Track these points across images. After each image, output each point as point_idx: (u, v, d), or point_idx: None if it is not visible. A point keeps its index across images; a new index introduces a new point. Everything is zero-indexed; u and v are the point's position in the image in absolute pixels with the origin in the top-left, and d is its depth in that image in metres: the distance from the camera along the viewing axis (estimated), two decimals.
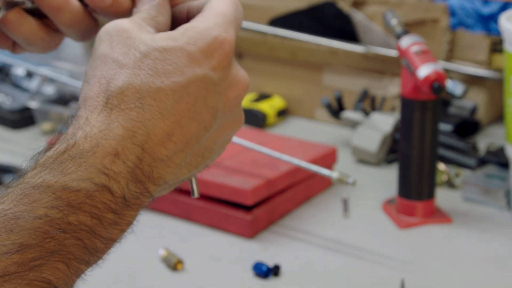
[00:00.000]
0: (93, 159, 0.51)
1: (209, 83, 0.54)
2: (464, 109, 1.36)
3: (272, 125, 1.46)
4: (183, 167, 0.54)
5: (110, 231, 0.52)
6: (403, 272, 0.96)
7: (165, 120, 0.52)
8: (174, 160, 0.53)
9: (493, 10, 1.38)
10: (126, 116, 0.52)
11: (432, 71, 1.03)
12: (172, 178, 0.54)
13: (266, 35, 1.49)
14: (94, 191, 0.50)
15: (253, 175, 1.08)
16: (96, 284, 0.96)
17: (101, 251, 0.53)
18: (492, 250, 1.02)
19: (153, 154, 0.52)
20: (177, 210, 1.11)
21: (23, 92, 1.49)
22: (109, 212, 0.51)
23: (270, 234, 1.06)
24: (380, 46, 1.38)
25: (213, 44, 0.54)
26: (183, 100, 0.52)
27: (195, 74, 0.53)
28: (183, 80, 0.53)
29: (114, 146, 0.51)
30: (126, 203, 0.52)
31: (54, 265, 0.49)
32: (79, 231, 0.50)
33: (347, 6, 1.42)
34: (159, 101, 0.52)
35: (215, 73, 0.54)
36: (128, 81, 0.52)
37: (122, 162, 0.51)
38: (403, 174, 1.09)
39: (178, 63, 0.53)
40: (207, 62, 0.54)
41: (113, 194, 0.51)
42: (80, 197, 0.50)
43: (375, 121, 1.29)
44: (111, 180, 0.51)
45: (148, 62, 0.52)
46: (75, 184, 0.50)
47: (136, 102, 0.52)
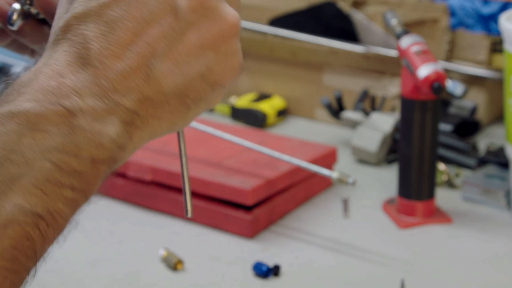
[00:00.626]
0: (35, 85, 0.48)
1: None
2: (464, 109, 1.36)
3: (272, 125, 1.46)
4: (159, 76, 0.50)
5: (85, 149, 0.48)
6: (403, 272, 0.96)
7: (114, 32, 0.49)
8: (141, 68, 0.49)
9: (493, 10, 1.38)
10: (70, 43, 0.49)
11: (432, 71, 1.03)
12: (150, 90, 0.50)
13: (266, 35, 1.49)
14: (44, 110, 0.47)
15: (253, 175, 1.08)
16: (96, 284, 0.96)
17: (87, 174, 0.48)
18: (492, 250, 1.02)
19: (108, 68, 0.48)
20: (177, 210, 1.11)
21: None
22: (73, 128, 0.47)
23: (270, 234, 1.06)
24: (380, 46, 1.38)
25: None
26: (130, 6, 0.50)
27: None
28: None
29: (57, 70, 0.48)
30: (91, 117, 0.48)
31: (22, 189, 0.46)
32: (41, 151, 0.46)
33: (347, 6, 1.42)
34: (104, 16, 0.49)
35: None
36: (73, 12, 0.50)
37: (70, 80, 0.48)
38: (403, 174, 1.09)
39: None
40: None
41: (68, 110, 0.47)
42: (30, 117, 0.46)
43: (375, 121, 1.29)
44: (60, 97, 0.47)
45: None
46: (20, 107, 0.47)
47: (80, 26, 0.49)
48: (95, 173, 0.48)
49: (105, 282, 0.96)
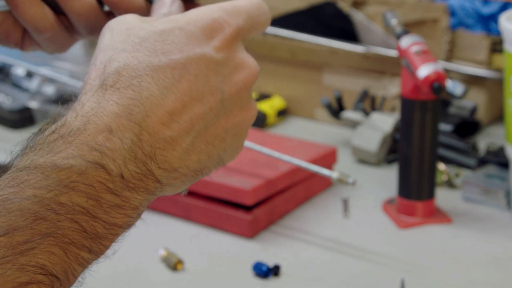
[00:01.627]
0: (84, 137, 0.48)
1: (209, 62, 0.52)
2: (464, 109, 1.36)
3: (272, 125, 1.46)
4: (191, 152, 0.52)
5: (112, 215, 0.49)
6: (403, 272, 0.96)
7: (165, 98, 0.50)
8: (179, 142, 0.51)
9: (493, 10, 1.38)
10: (121, 94, 0.50)
11: (432, 71, 1.03)
12: (180, 164, 0.51)
13: (266, 35, 1.49)
14: (87, 169, 0.47)
15: (253, 175, 1.08)
16: (96, 284, 0.96)
17: (104, 237, 0.50)
18: (492, 250, 1.02)
19: (154, 134, 0.50)
20: (177, 210, 1.11)
21: (23, 92, 1.49)
22: (107, 192, 0.48)
23: (270, 234, 1.06)
24: (380, 46, 1.38)
25: (213, 25, 0.53)
26: (183, 78, 0.51)
27: (195, 52, 0.52)
28: (182, 58, 0.51)
29: (107, 123, 0.49)
30: (126, 184, 0.49)
31: (48, 249, 0.46)
32: (74, 212, 0.47)
33: (347, 6, 1.42)
34: (157, 79, 0.50)
35: (216, 53, 0.53)
36: (125, 62, 0.51)
37: (118, 139, 0.48)
38: (403, 174, 1.09)
39: (177, 42, 0.52)
40: (207, 42, 0.52)
41: (108, 172, 0.48)
42: (71, 175, 0.47)
43: (375, 121, 1.29)
44: (104, 157, 0.48)
45: (146, 45, 0.51)
46: (65, 162, 0.47)
47: (133, 81, 0.50)
48: (113, 237, 0.51)
49: (105, 281, 0.96)
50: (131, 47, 0.51)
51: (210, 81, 0.52)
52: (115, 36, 0.52)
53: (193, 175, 0.54)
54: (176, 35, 0.52)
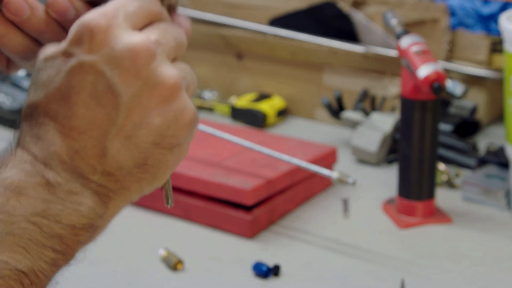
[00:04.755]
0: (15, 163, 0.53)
1: (89, 67, 0.52)
2: (464, 109, 1.36)
3: (272, 125, 1.46)
4: (115, 153, 0.53)
5: (66, 217, 0.52)
6: (403, 272, 0.96)
7: (66, 121, 0.52)
8: (95, 150, 0.53)
9: (493, 10, 1.38)
10: (30, 132, 0.54)
11: (432, 71, 1.03)
12: (111, 166, 0.53)
13: (266, 35, 1.49)
14: (28, 178, 0.52)
15: (253, 175, 1.08)
16: (96, 284, 0.96)
17: (67, 238, 0.53)
18: (492, 250, 1.02)
19: (71, 148, 0.52)
20: (177, 210, 1.11)
21: (23, 92, 1.49)
22: (53, 197, 0.52)
23: (270, 234, 1.06)
24: (380, 46, 1.38)
25: (78, 31, 0.53)
26: (71, 94, 0.52)
27: (71, 65, 0.52)
28: (63, 77, 0.52)
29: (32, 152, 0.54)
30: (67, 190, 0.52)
31: (8, 247, 0.49)
32: (27, 214, 0.51)
33: (347, 6, 1.42)
34: (50, 106, 0.53)
35: (91, 56, 0.52)
36: (28, 99, 0.54)
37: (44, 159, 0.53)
38: (403, 174, 1.09)
39: (56, 65, 0.53)
40: (78, 49, 0.52)
41: (47, 181, 0.52)
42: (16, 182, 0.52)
43: (375, 121, 1.29)
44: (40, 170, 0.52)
45: (39, 77, 0.53)
46: (6, 174, 0.52)
47: (33, 115, 0.53)
48: (75, 238, 0.53)
49: (105, 281, 0.96)
50: (32, 82, 0.54)
51: (98, 84, 0.52)
52: None
53: (140, 171, 0.54)
54: (55, 57, 0.53)
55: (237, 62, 1.54)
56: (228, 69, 1.55)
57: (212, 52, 1.57)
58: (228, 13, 1.52)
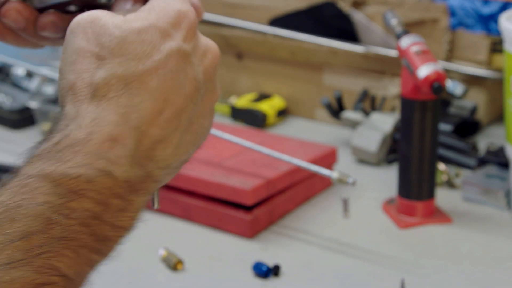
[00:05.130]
0: (89, 146, 0.50)
1: (183, 54, 0.54)
2: (464, 109, 1.36)
3: (272, 125, 1.46)
4: (181, 145, 0.54)
5: (119, 218, 0.52)
6: (403, 272, 0.96)
7: (154, 101, 0.52)
8: (171, 139, 0.53)
9: (493, 10, 1.38)
10: (116, 103, 0.52)
11: (432, 71, 1.03)
12: (173, 159, 0.54)
13: (266, 35, 1.49)
14: (95, 177, 0.50)
15: (253, 175, 1.08)
16: (96, 284, 0.96)
17: (112, 240, 0.52)
18: (492, 250, 1.02)
19: (151, 136, 0.52)
20: (177, 210, 1.11)
21: (23, 92, 1.50)
22: (115, 197, 0.51)
23: (270, 234, 1.06)
24: (380, 46, 1.38)
25: (179, 16, 0.54)
26: (167, 76, 0.53)
27: (171, 48, 0.53)
28: (163, 57, 0.53)
29: (109, 132, 0.51)
30: (131, 188, 0.52)
31: (62, 252, 0.48)
32: (84, 217, 0.49)
33: (347, 6, 1.42)
34: (145, 83, 0.52)
35: (187, 44, 0.54)
36: (111, 70, 0.52)
37: (121, 146, 0.51)
38: (403, 174, 1.09)
39: (154, 41, 0.53)
40: (178, 35, 0.54)
41: (115, 178, 0.51)
42: (81, 183, 0.49)
43: (375, 121, 1.29)
44: (110, 164, 0.50)
45: (126, 47, 0.53)
46: (73, 171, 0.49)
47: (124, 89, 0.52)
48: (119, 239, 0.53)
49: (105, 282, 0.96)
50: (111, 51, 0.53)
51: (188, 73, 0.54)
52: (90, 36, 0.53)
53: (180, 166, 0.56)
54: (151, 33, 0.53)
55: (237, 62, 1.54)
56: (228, 69, 1.55)
57: None
58: (228, 13, 1.52)
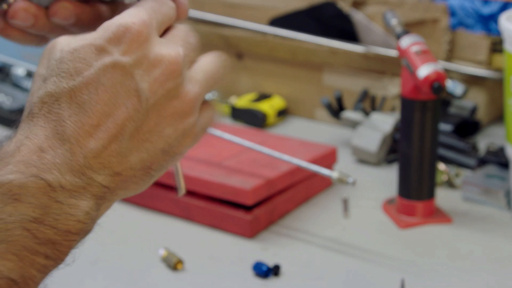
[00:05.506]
0: (19, 157, 0.52)
1: (121, 67, 0.54)
2: (464, 109, 1.36)
3: (272, 125, 1.46)
4: (128, 154, 0.55)
5: (62, 221, 0.52)
6: (403, 272, 0.96)
7: (86, 113, 0.53)
8: (112, 148, 0.54)
9: (493, 10, 1.38)
10: (46, 119, 0.53)
11: (432, 71, 1.03)
12: (121, 167, 0.54)
13: (266, 35, 1.49)
14: (26, 181, 0.51)
15: (253, 175, 1.08)
16: (96, 284, 0.96)
17: (59, 243, 0.52)
18: (492, 250, 1.02)
19: (84, 146, 0.53)
20: (177, 210, 1.11)
21: (23, 92, 1.49)
22: (52, 201, 0.52)
23: (270, 234, 1.06)
24: (380, 46, 1.38)
25: (118, 31, 0.55)
26: (99, 90, 0.53)
27: (104, 63, 0.54)
28: (94, 72, 0.54)
29: (38, 144, 0.52)
30: (69, 193, 0.52)
31: (3, 255, 0.49)
32: (23, 221, 0.50)
33: (347, 6, 1.42)
34: (75, 98, 0.53)
35: (126, 57, 0.54)
36: (46, 89, 0.54)
37: (51, 156, 0.52)
38: (403, 174, 1.09)
39: (87, 59, 0.54)
40: (116, 49, 0.54)
41: (49, 183, 0.52)
42: (13, 187, 0.51)
43: (375, 121, 1.29)
44: (41, 171, 0.52)
45: (62, 67, 0.54)
46: (4, 178, 0.51)
47: (54, 105, 0.53)
48: (68, 243, 0.53)
49: (105, 282, 0.96)
50: (51, 71, 0.55)
51: (126, 85, 0.54)
52: (41, 61, 0.56)
53: (143, 174, 0.56)
54: (85, 51, 0.54)
55: (237, 62, 1.54)
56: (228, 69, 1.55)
57: None
58: (228, 13, 1.52)
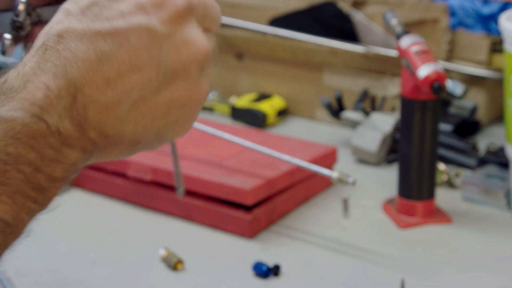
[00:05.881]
0: (24, 93, 0.51)
1: (153, 33, 0.52)
2: (464, 109, 1.36)
3: (272, 125, 1.46)
4: (125, 121, 0.53)
5: (52, 168, 0.51)
6: (403, 272, 0.96)
7: (100, 64, 0.51)
8: (113, 108, 0.52)
9: (493, 10, 1.38)
10: (59, 55, 0.51)
11: (432, 71, 1.03)
12: (113, 131, 0.53)
13: (266, 35, 1.49)
14: (30, 121, 0.50)
15: (253, 175, 1.08)
16: (96, 284, 0.96)
17: (48, 189, 0.52)
18: (492, 250, 1.02)
19: (88, 96, 0.51)
20: (177, 210, 1.11)
21: None
22: (47, 146, 0.51)
23: (270, 234, 1.06)
24: (380, 46, 1.38)
25: None
26: (122, 46, 0.52)
27: (139, 22, 0.52)
28: (124, 26, 0.52)
29: (45, 82, 0.51)
30: (63, 140, 0.51)
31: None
32: (20, 163, 0.50)
33: (347, 6, 1.42)
34: (97, 44, 0.51)
35: (162, 26, 0.53)
36: (69, 25, 0.52)
37: (55, 97, 0.51)
38: (403, 174, 1.09)
39: (124, 10, 0.52)
40: (156, 13, 0.53)
41: (49, 126, 0.51)
42: (16, 126, 0.50)
43: (375, 121, 1.29)
44: (44, 112, 0.50)
45: (94, 9, 0.52)
46: (9, 114, 0.50)
47: (72, 43, 0.51)
48: (54, 190, 0.52)
49: (105, 282, 0.96)
50: (79, 9, 0.53)
51: (152, 53, 0.52)
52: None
53: (128, 146, 0.55)
54: (126, 4, 0.53)
55: (237, 62, 1.54)
56: (228, 69, 1.55)
57: None
58: (228, 13, 1.52)
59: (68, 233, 1.07)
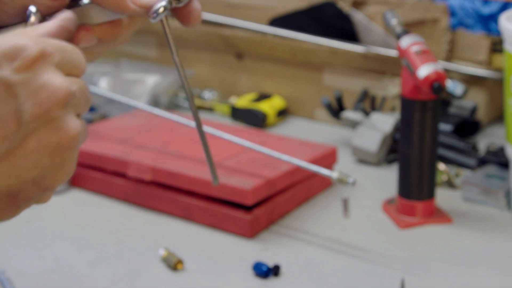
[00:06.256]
0: None
1: (8, 84, 0.53)
2: (464, 109, 1.36)
3: (272, 125, 1.46)
4: (2, 175, 0.53)
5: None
6: (403, 272, 0.96)
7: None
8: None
9: (493, 10, 1.38)
10: None
11: (432, 71, 1.03)
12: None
13: (266, 35, 1.49)
14: None
15: (253, 175, 1.08)
16: (96, 284, 0.96)
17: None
18: (492, 250, 1.02)
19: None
20: (177, 210, 1.11)
21: None
22: None
23: (270, 234, 1.06)
24: (380, 46, 1.38)
25: (15, 48, 0.54)
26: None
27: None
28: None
29: None
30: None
31: None
32: None
33: (347, 6, 1.42)
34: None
35: (16, 75, 0.53)
36: None
37: None
38: (403, 174, 1.09)
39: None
40: (9, 65, 0.53)
41: None
42: None
43: (375, 121, 1.29)
44: None
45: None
46: None
47: None
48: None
49: (105, 282, 0.96)
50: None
51: (9, 104, 0.53)
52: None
53: (7, 200, 0.55)
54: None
55: (237, 62, 1.54)
56: (228, 69, 1.55)
57: (212, 52, 1.57)
58: (228, 13, 1.52)
59: (68, 233, 1.07)
